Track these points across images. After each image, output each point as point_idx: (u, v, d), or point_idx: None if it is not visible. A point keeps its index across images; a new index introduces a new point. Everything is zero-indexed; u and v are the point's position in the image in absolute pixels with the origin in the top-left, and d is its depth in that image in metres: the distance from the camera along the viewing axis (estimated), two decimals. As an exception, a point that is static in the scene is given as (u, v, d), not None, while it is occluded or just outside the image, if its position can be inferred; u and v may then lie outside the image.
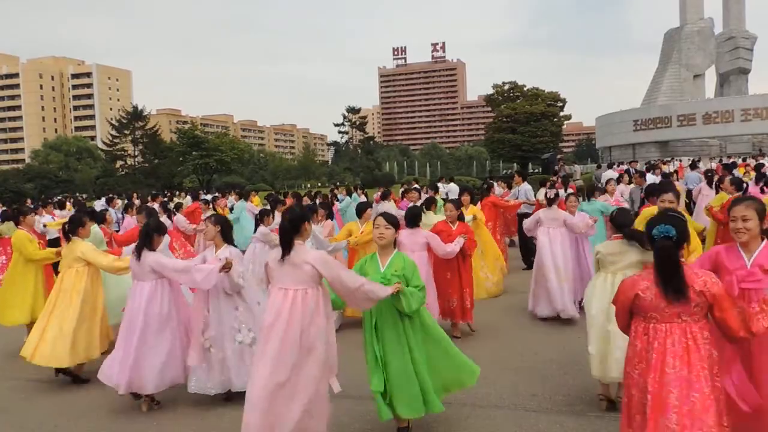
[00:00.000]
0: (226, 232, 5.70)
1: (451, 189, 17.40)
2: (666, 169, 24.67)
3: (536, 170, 53.51)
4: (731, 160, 25.76)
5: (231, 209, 16.17)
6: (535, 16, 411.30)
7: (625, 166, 25.34)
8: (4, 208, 17.24)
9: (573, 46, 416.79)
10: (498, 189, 16.22)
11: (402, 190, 15.97)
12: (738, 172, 14.62)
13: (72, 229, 6.55)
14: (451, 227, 7.66)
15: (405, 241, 6.68)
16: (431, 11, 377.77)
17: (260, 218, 9.25)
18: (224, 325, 5.49)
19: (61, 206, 17.00)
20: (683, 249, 3.42)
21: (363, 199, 17.00)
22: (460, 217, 7.86)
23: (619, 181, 14.54)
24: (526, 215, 12.17)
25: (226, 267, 5.31)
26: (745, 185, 9.99)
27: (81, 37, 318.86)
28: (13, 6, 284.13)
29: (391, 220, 4.70)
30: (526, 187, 12.98)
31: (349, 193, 17.63)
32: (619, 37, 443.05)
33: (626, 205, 9.50)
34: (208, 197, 19.66)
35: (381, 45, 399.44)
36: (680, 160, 34.91)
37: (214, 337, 5.47)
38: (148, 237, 5.68)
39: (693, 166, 18.58)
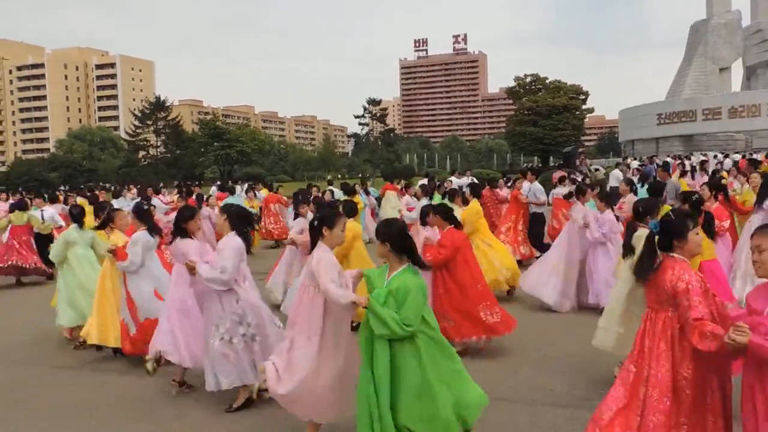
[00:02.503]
0: (232, 221, 5.36)
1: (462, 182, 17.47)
2: (692, 163, 24.38)
3: (557, 164, 53.06)
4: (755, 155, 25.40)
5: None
6: (558, 9, 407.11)
7: (635, 162, 25.15)
8: (19, 198, 17.41)
9: (596, 39, 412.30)
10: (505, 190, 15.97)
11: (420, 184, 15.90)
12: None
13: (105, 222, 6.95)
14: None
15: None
16: (454, 3, 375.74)
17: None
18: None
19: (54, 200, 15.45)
20: (676, 243, 3.56)
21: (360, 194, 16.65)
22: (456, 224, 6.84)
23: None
24: (537, 215, 12.02)
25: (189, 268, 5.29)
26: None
27: (95, 29, 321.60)
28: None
29: (382, 233, 4.18)
30: (536, 186, 12.41)
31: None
32: (643, 31, 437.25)
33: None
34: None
35: (402, 37, 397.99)
36: (705, 154, 34.44)
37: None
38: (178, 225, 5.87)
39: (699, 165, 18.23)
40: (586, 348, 6.70)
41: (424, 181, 17.99)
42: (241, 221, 5.33)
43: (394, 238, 4.07)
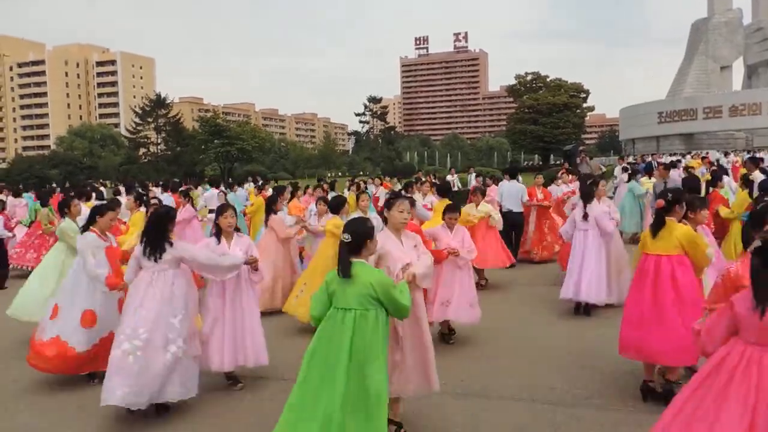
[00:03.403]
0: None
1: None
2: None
3: (558, 162, 53.04)
4: (758, 155, 25.34)
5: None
6: (559, 8, 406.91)
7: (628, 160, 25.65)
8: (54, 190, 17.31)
9: (598, 36, 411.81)
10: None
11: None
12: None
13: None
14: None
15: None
16: (455, 1, 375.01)
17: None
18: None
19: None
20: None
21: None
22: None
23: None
24: (507, 214, 11.78)
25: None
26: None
27: (96, 26, 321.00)
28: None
29: (347, 228, 4.23)
30: (506, 186, 12.28)
31: (332, 187, 16.33)
32: (644, 30, 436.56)
33: (616, 215, 8.59)
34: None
35: (403, 35, 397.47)
36: (706, 153, 34.45)
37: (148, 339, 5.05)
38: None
39: (673, 165, 17.96)
40: (587, 346, 6.72)
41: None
42: (149, 224, 5.32)
43: (353, 235, 4.01)
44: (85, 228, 6.09)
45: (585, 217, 7.98)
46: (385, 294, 3.87)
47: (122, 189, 18.73)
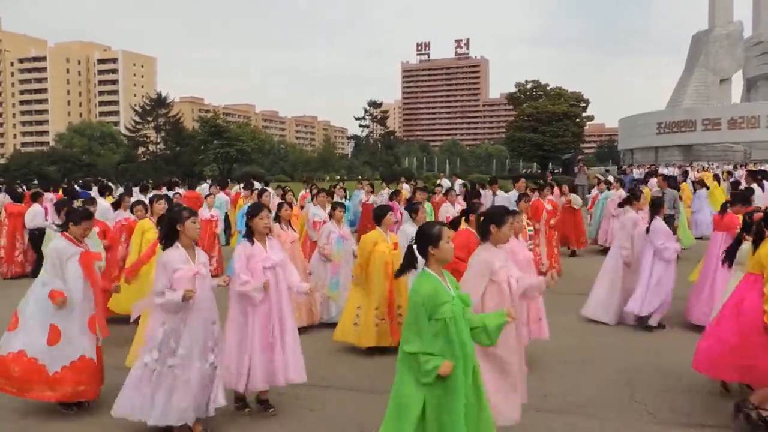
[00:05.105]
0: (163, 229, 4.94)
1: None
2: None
3: (556, 170, 53.15)
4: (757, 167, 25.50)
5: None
6: (561, 16, 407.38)
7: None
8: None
9: (599, 47, 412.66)
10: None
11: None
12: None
13: None
14: None
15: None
16: (456, 6, 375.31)
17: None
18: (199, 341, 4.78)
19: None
20: None
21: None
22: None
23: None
24: None
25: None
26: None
27: (98, 23, 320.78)
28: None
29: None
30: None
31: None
32: (646, 40, 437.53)
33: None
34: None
35: (404, 40, 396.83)
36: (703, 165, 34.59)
37: (184, 355, 4.69)
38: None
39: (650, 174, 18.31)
40: (582, 354, 6.75)
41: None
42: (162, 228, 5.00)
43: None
44: (63, 227, 5.42)
45: (647, 230, 7.73)
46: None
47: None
